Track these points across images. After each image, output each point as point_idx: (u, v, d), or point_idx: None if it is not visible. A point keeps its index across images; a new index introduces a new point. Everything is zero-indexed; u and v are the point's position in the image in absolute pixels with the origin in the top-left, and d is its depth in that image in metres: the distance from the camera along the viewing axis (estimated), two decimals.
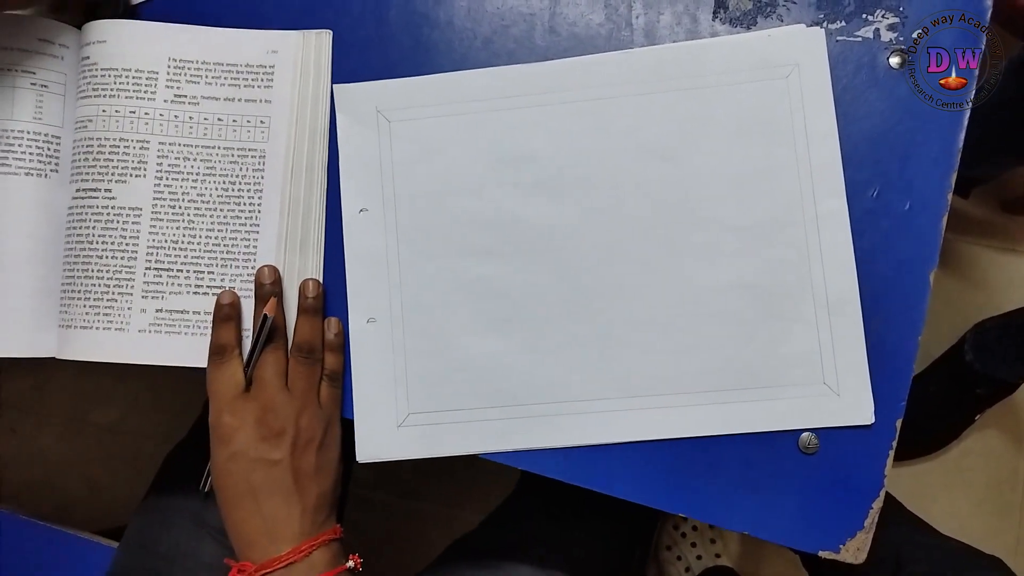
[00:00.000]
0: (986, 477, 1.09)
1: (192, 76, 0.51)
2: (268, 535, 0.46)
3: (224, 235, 0.51)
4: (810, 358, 0.49)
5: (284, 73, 0.52)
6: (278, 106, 0.51)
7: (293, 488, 0.47)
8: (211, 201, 0.51)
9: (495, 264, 0.51)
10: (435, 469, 1.13)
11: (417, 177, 0.52)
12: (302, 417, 0.48)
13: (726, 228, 0.50)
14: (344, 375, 0.51)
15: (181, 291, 0.50)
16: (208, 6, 0.53)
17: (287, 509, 0.47)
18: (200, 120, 0.51)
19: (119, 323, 0.50)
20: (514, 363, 0.51)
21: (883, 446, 0.49)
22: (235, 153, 0.51)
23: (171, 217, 0.51)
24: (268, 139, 0.51)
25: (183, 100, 0.51)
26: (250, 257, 0.51)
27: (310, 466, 0.48)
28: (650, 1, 0.52)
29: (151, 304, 0.50)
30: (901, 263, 0.49)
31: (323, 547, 0.47)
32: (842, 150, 0.50)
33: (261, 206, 0.51)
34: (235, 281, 0.51)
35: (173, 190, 0.51)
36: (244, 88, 0.51)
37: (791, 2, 0.51)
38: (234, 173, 0.51)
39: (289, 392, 0.49)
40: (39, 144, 0.51)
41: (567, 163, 0.51)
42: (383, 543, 1.13)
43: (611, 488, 0.50)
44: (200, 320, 0.50)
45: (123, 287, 0.50)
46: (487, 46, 0.52)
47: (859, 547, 0.49)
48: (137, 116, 0.51)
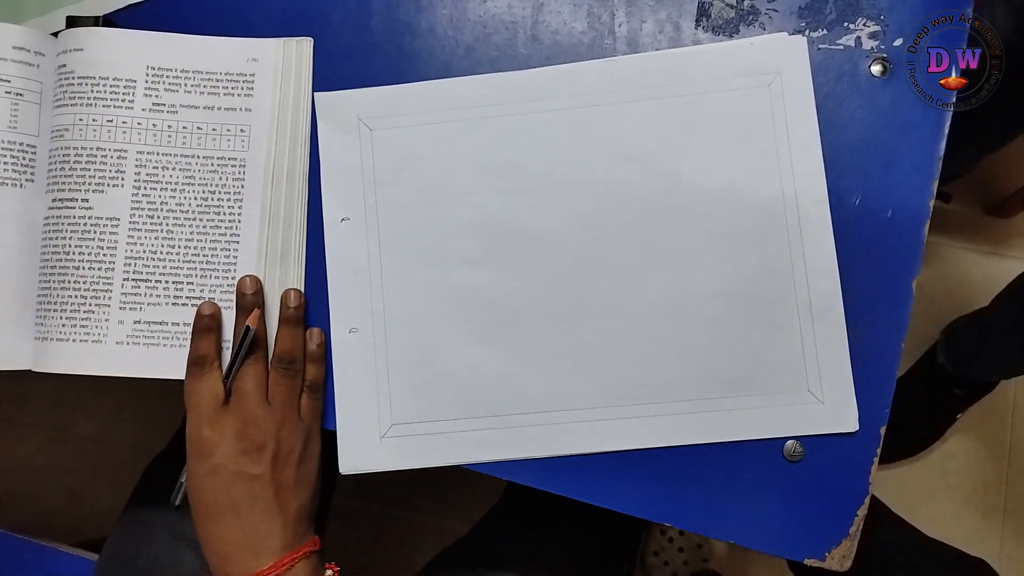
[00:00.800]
0: (971, 480, 1.10)
1: (171, 84, 0.51)
2: (249, 549, 0.46)
3: (204, 245, 0.50)
4: (794, 365, 0.49)
5: (264, 81, 0.51)
6: (258, 114, 0.51)
7: (274, 501, 0.47)
8: (190, 211, 0.50)
9: (478, 273, 0.51)
10: (420, 478, 1.13)
11: (400, 186, 0.51)
12: (282, 430, 0.48)
13: (710, 236, 0.50)
14: (326, 386, 0.51)
15: (160, 302, 0.50)
16: (189, 14, 0.53)
17: (268, 523, 0.46)
18: (179, 129, 0.51)
19: (96, 335, 0.49)
20: (498, 373, 0.50)
21: (867, 453, 0.49)
22: (215, 162, 0.51)
23: (149, 227, 0.50)
24: (248, 148, 0.51)
25: (161, 108, 0.51)
26: (230, 267, 0.50)
27: (291, 479, 0.48)
28: (633, 9, 0.52)
29: (129, 315, 0.50)
30: (884, 270, 0.50)
31: (304, 559, 0.47)
32: (824, 158, 0.50)
33: (241, 216, 0.50)
34: (215, 292, 0.50)
35: (152, 200, 0.50)
36: (224, 96, 0.51)
37: (773, 10, 0.51)
38: (214, 182, 0.51)
39: (269, 405, 0.48)
40: (14, 153, 0.50)
41: (550, 171, 0.51)
42: (368, 553, 1.12)
43: (595, 498, 0.50)
44: (179, 332, 0.50)
45: (100, 298, 0.49)
46: (469, 54, 0.52)
47: (844, 555, 0.49)
48: (115, 125, 0.50)
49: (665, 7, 0.51)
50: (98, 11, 0.52)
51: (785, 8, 0.51)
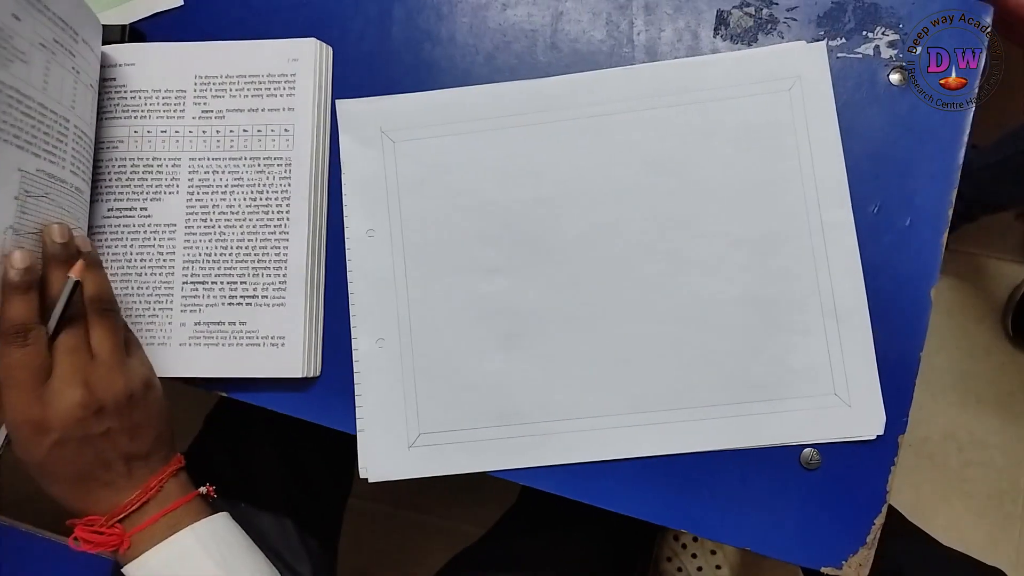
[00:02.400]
0: (987, 489, 1.09)
1: (217, 91, 0.52)
2: (111, 487, 0.45)
3: (255, 244, 0.51)
4: (820, 370, 0.49)
5: (304, 80, 0.52)
6: (300, 113, 0.52)
7: (130, 445, 0.45)
8: (240, 212, 0.51)
9: (502, 282, 0.51)
10: (433, 482, 1.13)
11: (423, 197, 0.52)
12: (118, 379, 0.45)
13: (732, 241, 0.50)
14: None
15: (216, 303, 0.51)
16: (210, 23, 0.54)
17: (127, 465, 0.46)
18: (226, 133, 0.52)
19: (162, 338, 0.51)
20: (523, 381, 0.51)
21: (885, 461, 0.49)
22: (261, 163, 0.52)
23: (203, 231, 0.51)
24: (293, 147, 0.52)
25: (210, 115, 0.52)
26: (281, 265, 0.51)
27: (141, 418, 0.46)
28: (651, 18, 0.52)
29: (189, 317, 0.51)
30: (902, 279, 0.50)
31: (172, 478, 0.47)
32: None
33: (289, 214, 0.51)
34: (267, 290, 0.51)
35: (204, 204, 0.51)
36: (267, 98, 0.52)
37: (792, 19, 0.51)
38: (261, 182, 0.51)
39: (98, 358, 0.45)
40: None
41: (572, 179, 0.51)
42: (383, 555, 1.12)
43: (611, 503, 0.50)
44: (236, 330, 0.51)
45: (163, 302, 0.51)
46: (489, 62, 0.53)
47: (861, 563, 0.49)
48: (168, 135, 0.52)
49: (684, 16, 0.52)
50: (124, 20, 0.53)
51: (804, 17, 0.51)
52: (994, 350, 1.12)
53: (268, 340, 0.50)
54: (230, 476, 0.62)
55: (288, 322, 0.50)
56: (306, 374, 0.50)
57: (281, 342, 0.50)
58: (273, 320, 0.50)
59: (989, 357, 1.11)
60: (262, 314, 0.51)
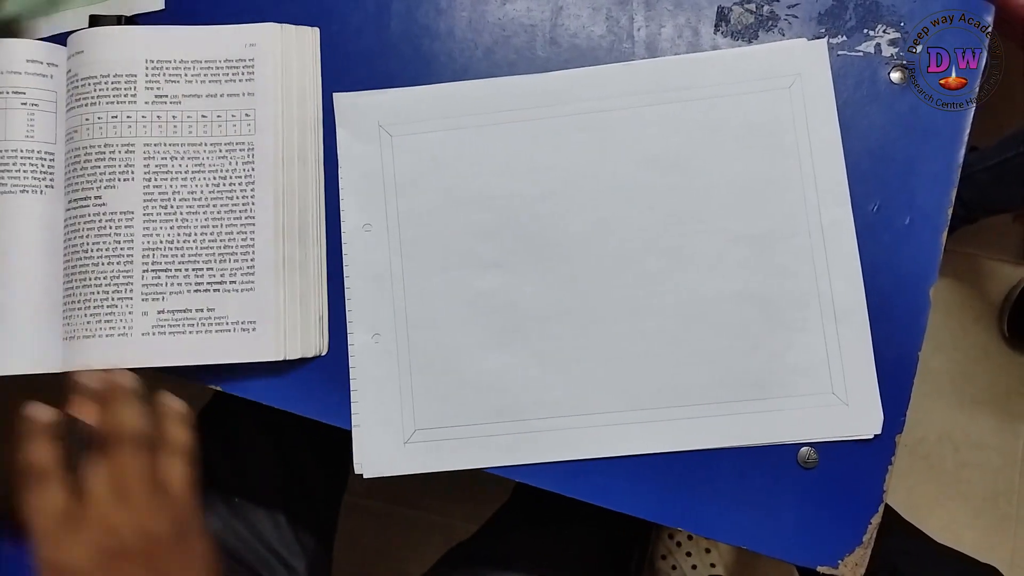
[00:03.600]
0: (983, 490, 1.09)
1: (171, 76, 0.51)
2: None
3: (220, 230, 0.51)
4: (818, 368, 0.49)
5: (265, 65, 0.52)
6: (262, 98, 0.51)
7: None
8: (203, 198, 0.51)
9: (500, 277, 0.51)
10: (429, 478, 1.13)
11: (421, 191, 0.52)
12: (149, 522, 0.41)
13: (731, 238, 0.50)
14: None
15: (181, 290, 0.50)
16: (208, 15, 0.53)
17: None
18: (184, 119, 0.51)
19: (121, 328, 0.50)
20: (520, 377, 0.50)
21: (882, 461, 0.49)
22: (223, 148, 0.51)
23: (164, 218, 0.50)
24: (255, 131, 0.51)
25: (164, 100, 0.51)
26: (248, 250, 0.50)
27: (174, 568, 0.42)
28: (652, 14, 0.52)
29: (152, 306, 0.50)
30: (901, 278, 0.49)
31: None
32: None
33: (254, 198, 0.51)
34: (235, 275, 0.50)
35: (163, 190, 0.51)
36: (225, 83, 0.51)
37: (793, 16, 0.51)
38: (224, 168, 0.51)
39: (126, 499, 0.41)
40: (32, 161, 0.51)
41: (571, 175, 0.51)
42: (377, 551, 1.12)
43: (607, 500, 0.50)
44: (204, 318, 0.50)
45: (122, 292, 0.50)
46: (488, 57, 0.52)
47: (857, 562, 0.49)
48: (119, 120, 0.51)
49: (684, 12, 0.51)
50: (123, 11, 0.53)
51: (804, 14, 0.51)
52: (990, 351, 1.12)
53: (239, 325, 0.50)
54: (224, 471, 0.62)
55: (258, 306, 0.50)
56: (280, 357, 0.50)
57: (252, 326, 0.50)
58: (242, 305, 0.50)
59: (985, 358, 1.12)
60: (230, 299, 0.50)
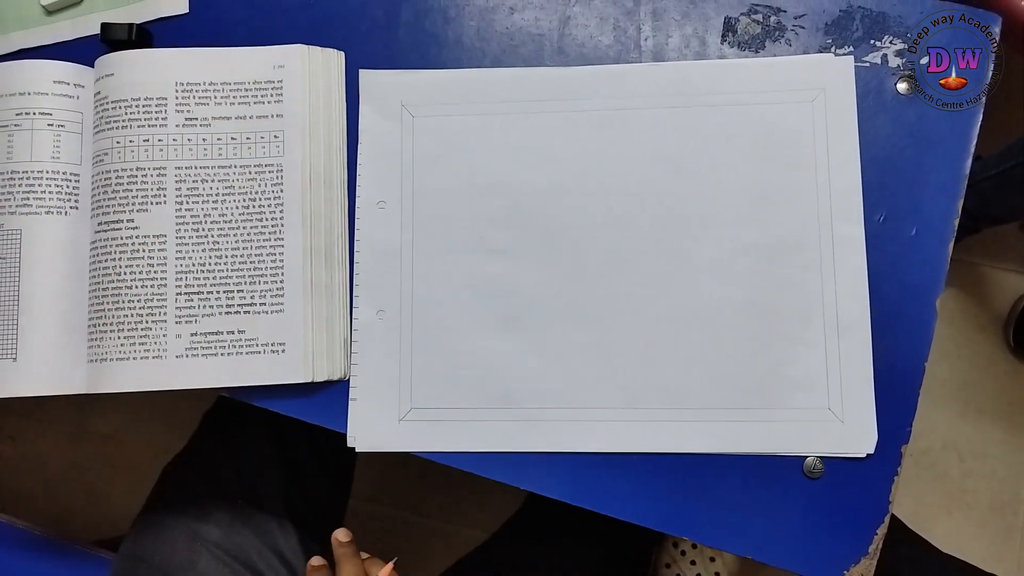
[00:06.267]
0: (988, 500, 1.08)
1: (201, 98, 0.52)
2: None
3: (250, 252, 0.51)
4: (816, 382, 0.49)
5: (293, 86, 0.52)
6: (290, 119, 0.52)
7: None
8: (233, 220, 0.51)
9: (507, 263, 0.51)
10: (435, 485, 1.13)
11: (437, 173, 0.52)
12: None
13: (740, 246, 0.50)
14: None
15: (213, 312, 0.50)
16: (219, 28, 0.54)
17: None
18: (213, 141, 0.51)
19: (156, 351, 0.50)
20: (519, 365, 0.51)
21: (888, 472, 0.49)
22: (252, 170, 0.51)
23: (196, 240, 0.51)
24: (284, 153, 0.52)
25: (195, 123, 0.51)
26: (277, 271, 0.51)
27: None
28: (659, 24, 0.52)
29: (185, 328, 0.50)
30: (907, 288, 0.49)
31: None
32: None
33: (283, 220, 0.51)
34: (265, 297, 0.51)
35: (195, 213, 0.51)
36: (254, 105, 0.52)
37: (800, 27, 0.51)
38: (253, 190, 0.51)
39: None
40: (58, 182, 0.51)
41: (586, 169, 0.51)
42: (382, 557, 1.12)
43: (611, 509, 0.50)
44: (235, 340, 0.50)
45: (156, 315, 0.50)
46: (496, 65, 0.53)
47: (863, 573, 0.49)
48: (151, 144, 0.51)
49: (692, 22, 0.52)
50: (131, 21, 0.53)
51: (812, 24, 0.51)
52: (996, 361, 1.11)
53: (268, 347, 0.50)
54: (228, 474, 0.62)
55: (288, 328, 0.50)
56: (308, 379, 0.50)
57: (281, 348, 0.50)
58: (272, 327, 0.50)
59: (991, 368, 1.11)
60: (260, 321, 0.50)
